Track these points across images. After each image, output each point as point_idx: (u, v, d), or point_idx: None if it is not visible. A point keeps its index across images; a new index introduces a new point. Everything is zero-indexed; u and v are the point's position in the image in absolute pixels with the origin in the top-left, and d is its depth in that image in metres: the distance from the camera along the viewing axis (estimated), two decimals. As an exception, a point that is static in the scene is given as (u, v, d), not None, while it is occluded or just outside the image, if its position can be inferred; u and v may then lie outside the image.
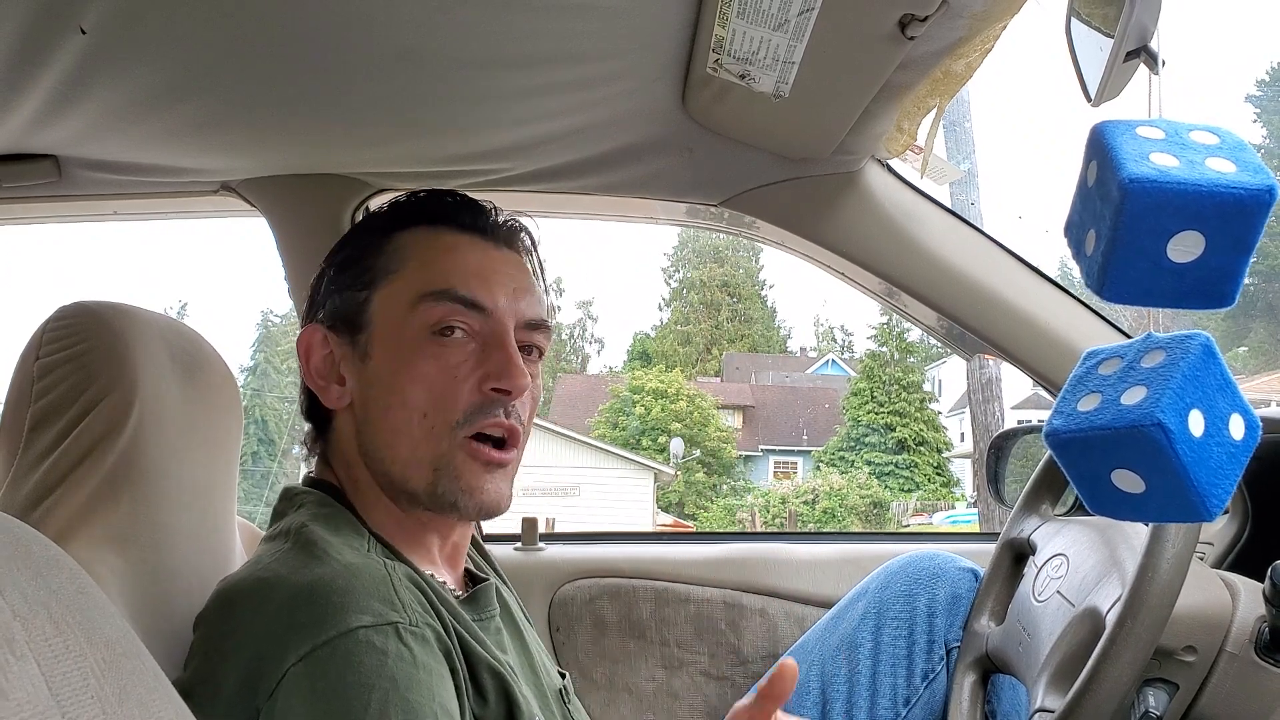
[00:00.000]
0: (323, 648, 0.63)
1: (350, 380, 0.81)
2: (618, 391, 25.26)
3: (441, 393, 0.78)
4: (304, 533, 0.73)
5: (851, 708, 1.16)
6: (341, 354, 0.82)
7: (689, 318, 34.55)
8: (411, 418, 0.78)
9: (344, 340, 0.82)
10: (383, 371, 0.79)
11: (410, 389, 0.78)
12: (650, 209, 1.38)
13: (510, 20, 0.88)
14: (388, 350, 0.79)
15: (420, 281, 0.80)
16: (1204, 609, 0.88)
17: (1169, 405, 0.49)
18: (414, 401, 0.78)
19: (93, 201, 1.32)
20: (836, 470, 22.24)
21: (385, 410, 0.79)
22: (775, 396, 28.51)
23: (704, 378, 30.47)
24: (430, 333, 0.78)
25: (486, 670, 0.72)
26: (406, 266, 0.81)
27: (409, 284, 0.80)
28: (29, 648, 0.39)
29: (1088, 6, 0.66)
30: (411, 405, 0.78)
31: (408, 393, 0.78)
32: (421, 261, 0.81)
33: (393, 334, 0.79)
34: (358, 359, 0.81)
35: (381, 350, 0.80)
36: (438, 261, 0.81)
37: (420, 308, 0.79)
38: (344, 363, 0.82)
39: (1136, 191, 0.48)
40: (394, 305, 0.80)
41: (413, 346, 0.78)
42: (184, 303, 33.80)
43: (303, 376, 0.83)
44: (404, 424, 0.78)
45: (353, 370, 0.81)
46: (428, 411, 0.78)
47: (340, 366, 0.82)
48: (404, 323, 0.79)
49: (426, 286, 0.79)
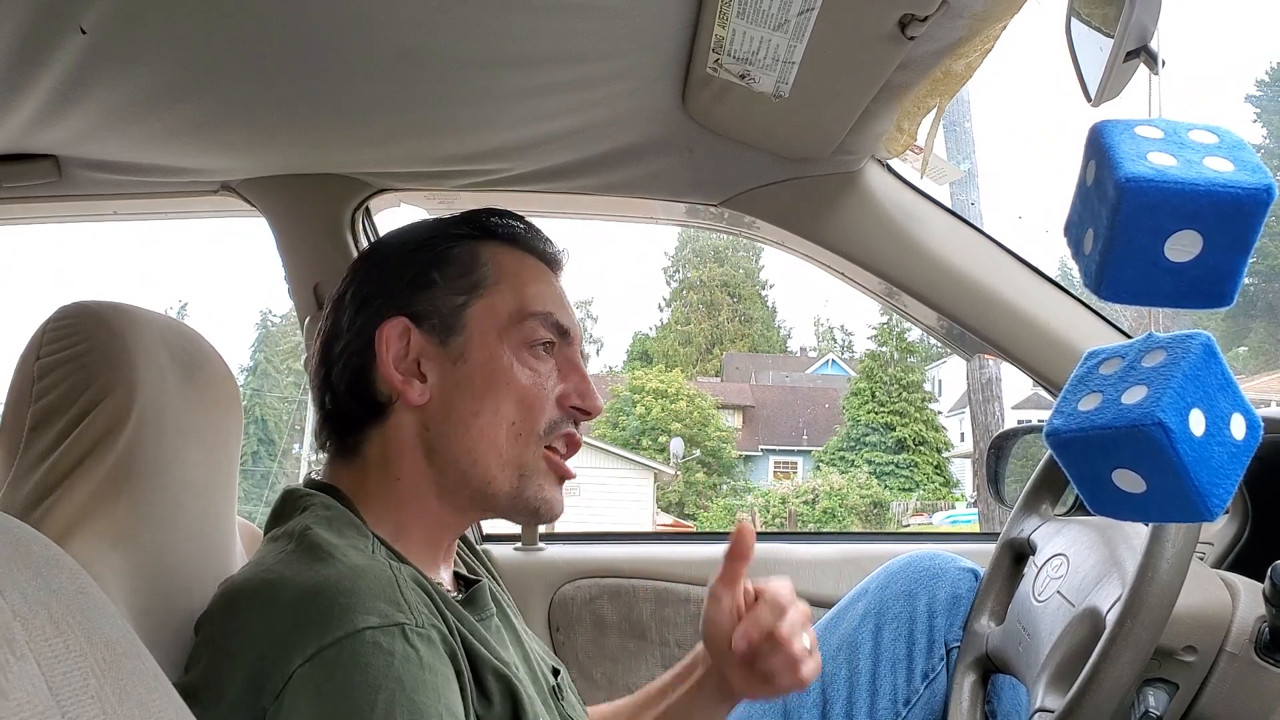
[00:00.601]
0: (329, 649, 0.63)
1: (433, 379, 0.82)
2: (618, 391, 25.26)
3: (531, 404, 0.82)
4: (308, 535, 0.73)
5: (852, 708, 1.16)
6: (427, 352, 0.82)
7: (689, 318, 34.55)
8: (500, 425, 0.81)
9: (433, 339, 0.83)
10: (478, 378, 0.82)
11: (504, 398, 0.81)
12: (650, 209, 1.38)
13: (510, 20, 0.88)
14: (485, 358, 0.82)
15: (523, 299, 0.84)
16: (1204, 609, 0.88)
17: (1170, 405, 0.49)
18: (505, 410, 0.81)
19: (93, 201, 1.33)
20: (836, 470, 22.25)
21: (474, 414, 0.81)
22: (775, 396, 28.51)
23: (704, 378, 30.47)
24: (530, 347, 0.83)
25: (490, 671, 0.72)
26: (505, 281, 0.85)
27: (512, 300, 0.84)
28: (29, 648, 0.39)
29: (1088, 6, 0.66)
30: (502, 414, 0.81)
31: (501, 401, 0.81)
32: (520, 280, 0.86)
33: (492, 344, 0.83)
34: (448, 360, 0.82)
35: (479, 357, 0.82)
36: (535, 284, 0.86)
37: (525, 325, 0.84)
38: (428, 361, 0.82)
39: (1133, 191, 0.48)
40: (495, 317, 0.83)
41: (511, 359, 0.82)
42: (184, 303, 33.83)
43: (379, 368, 0.81)
44: (492, 430, 0.81)
45: (439, 370, 0.82)
46: (516, 420, 0.82)
47: (421, 364, 0.82)
48: (504, 335, 0.83)
49: (531, 306, 0.84)
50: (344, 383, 0.83)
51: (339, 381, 0.83)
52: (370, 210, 1.38)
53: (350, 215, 1.33)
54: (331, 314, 0.87)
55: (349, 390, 0.83)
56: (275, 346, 31.32)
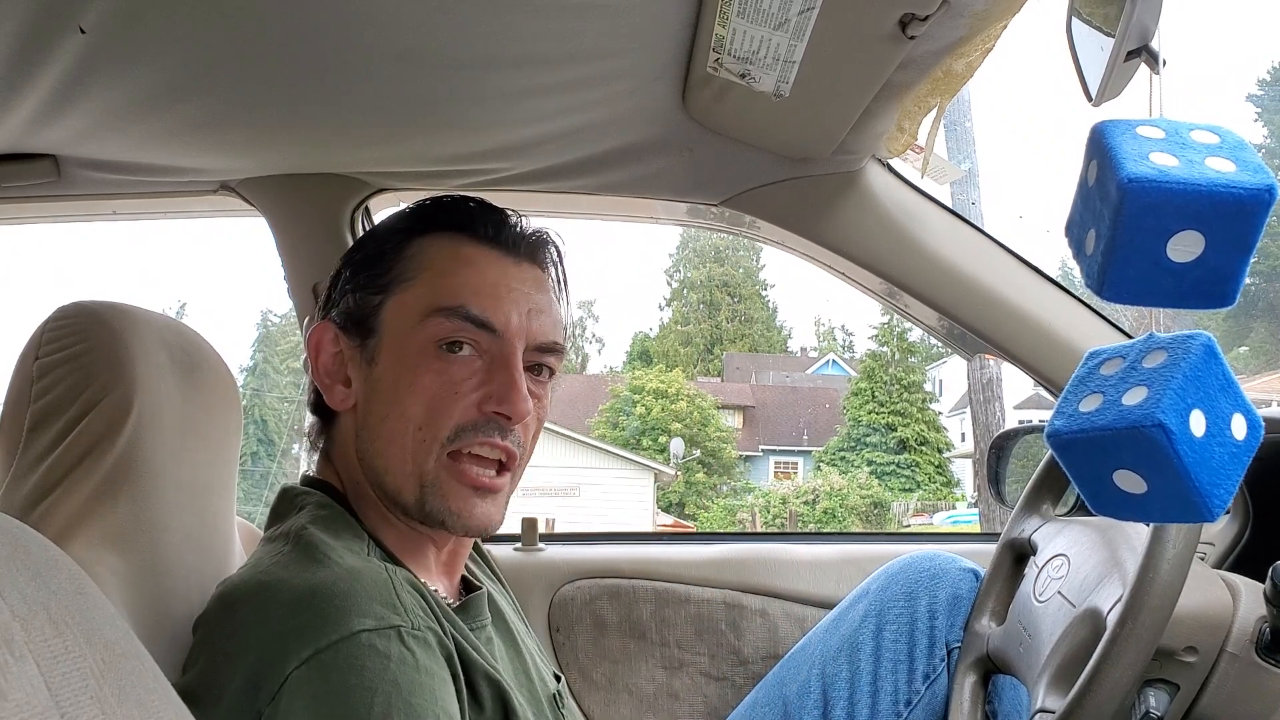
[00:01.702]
0: (326, 651, 0.63)
1: (356, 383, 0.82)
2: (618, 391, 25.27)
3: (438, 407, 0.77)
4: (304, 535, 0.73)
5: (853, 709, 1.16)
6: (350, 355, 0.82)
7: (689, 318, 34.55)
8: (407, 429, 0.78)
9: (353, 342, 0.82)
10: (386, 379, 0.79)
11: (409, 400, 0.78)
12: (650, 209, 1.38)
13: (510, 20, 0.87)
14: (393, 358, 0.79)
15: (433, 294, 0.79)
16: (1205, 609, 0.88)
17: (1170, 405, 0.48)
18: (411, 413, 0.77)
19: (92, 201, 1.32)
20: (837, 470, 22.24)
21: (384, 418, 0.79)
22: (775, 396, 28.51)
23: (704, 378, 30.48)
24: (437, 347, 0.78)
25: (483, 677, 0.72)
26: (421, 276, 0.80)
27: (422, 295, 0.79)
28: (28, 648, 0.39)
29: (1088, 6, 0.66)
30: (409, 416, 0.78)
31: (406, 403, 0.78)
32: (437, 272, 0.80)
33: (400, 343, 0.79)
34: (365, 362, 0.81)
35: (388, 357, 0.80)
36: (453, 274, 0.80)
37: (430, 321, 0.78)
38: (351, 364, 0.82)
39: (1136, 191, 0.48)
40: (405, 314, 0.80)
41: (418, 358, 0.78)
42: (183, 303, 33.82)
43: (310, 373, 0.83)
44: (399, 434, 0.78)
45: (359, 373, 0.82)
46: (422, 425, 0.77)
47: (347, 368, 0.82)
48: (412, 333, 0.79)
49: (438, 301, 0.79)
50: (311, 385, 0.85)
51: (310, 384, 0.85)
52: (370, 210, 1.38)
53: (350, 215, 1.32)
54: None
55: (311, 395, 0.85)
56: (275, 346, 31.32)
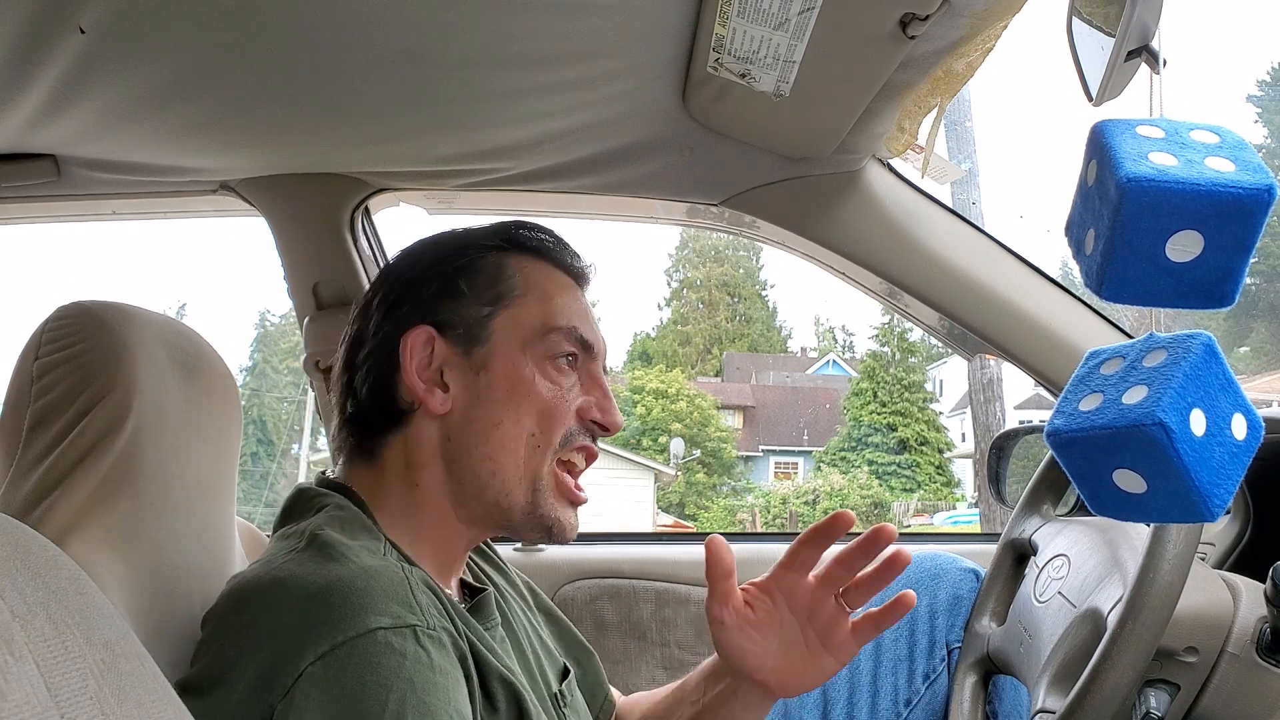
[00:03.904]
0: (341, 648, 0.63)
1: (455, 388, 0.82)
2: (618, 391, 25.25)
3: (550, 417, 0.82)
4: (320, 535, 0.73)
5: (853, 708, 1.16)
6: (449, 361, 0.82)
7: (689, 317, 34.56)
8: (520, 436, 0.81)
9: (457, 349, 0.83)
10: (499, 388, 0.82)
11: (525, 409, 0.81)
12: (651, 209, 1.38)
13: (510, 20, 0.87)
14: (508, 369, 0.82)
15: (548, 313, 0.84)
16: (1205, 610, 0.88)
17: (1170, 405, 0.48)
18: (526, 421, 0.81)
19: (92, 201, 1.32)
20: (837, 470, 22.25)
21: (494, 425, 0.81)
22: (776, 396, 28.51)
23: (704, 378, 30.47)
24: (550, 361, 0.83)
25: (497, 678, 0.73)
26: (532, 294, 0.85)
27: (536, 313, 0.84)
28: (28, 648, 0.39)
29: (1088, 6, 0.66)
30: (523, 425, 0.81)
31: (521, 412, 0.81)
32: (546, 294, 0.86)
33: (515, 355, 0.83)
34: (470, 370, 0.82)
35: (502, 368, 0.82)
36: (560, 297, 0.86)
37: (549, 338, 0.84)
38: (451, 370, 0.82)
39: (1135, 191, 0.48)
40: (519, 329, 0.83)
41: (534, 371, 0.82)
42: (183, 303, 33.83)
43: (403, 376, 0.81)
44: (513, 440, 0.81)
45: (461, 379, 0.82)
46: (535, 432, 0.82)
47: (444, 373, 0.82)
48: (528, 347, 0.83)
49: (556, 320, 0.84)
50: (366, 388, 0.83)
51: (361, 387, 0.83)
52: (369, 210, 1.38)
53: (349, 215, 1.32)
54: (358, 320, 0.87)
55: (371, 396, 0.83)
56: (274, 346, 31.32)
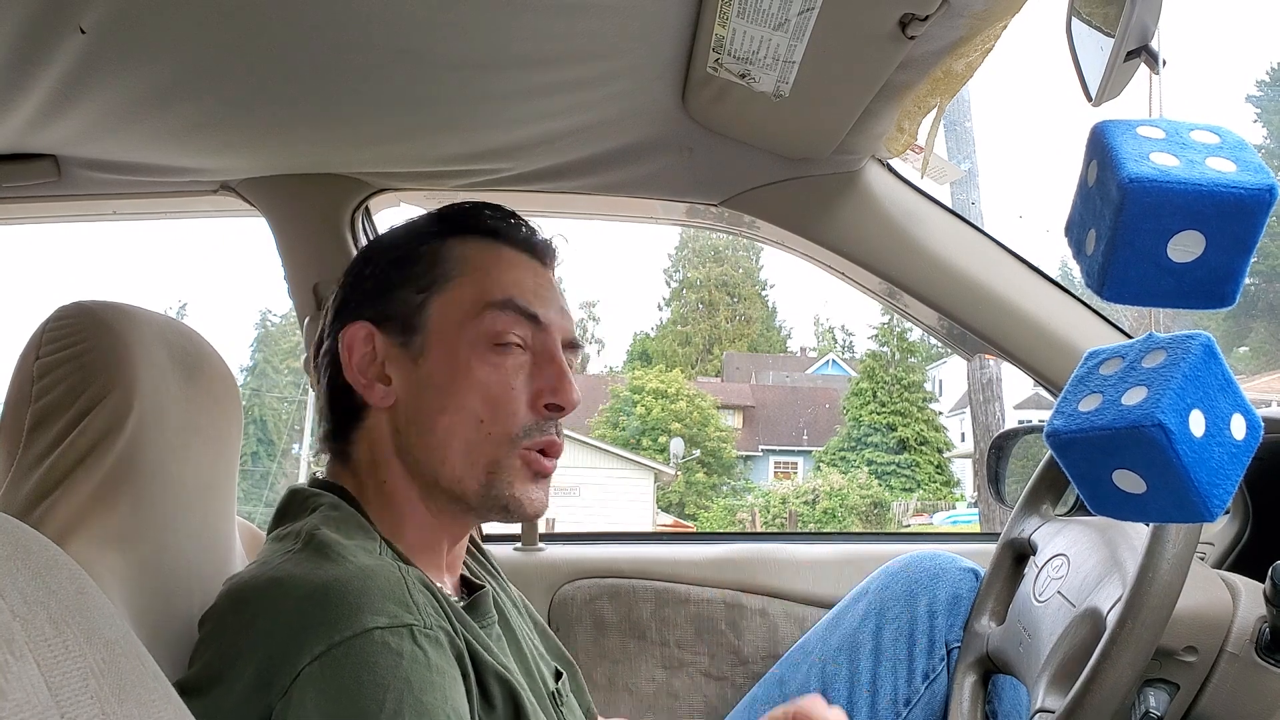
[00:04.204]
0: (338, 647, 0.63)
1: (397, 380, 0.82)
2: (618, 391, 25.27)
3: (498, 402, 0.80)
4: (316, 535, 0.73)
5: (852, 708, 1.16)
6: (389, 353, 0.82)
7: (688, 318, 34.56)
8: (467, 422, 0.79)
9: (394, 340, 0.82)
10: (438, 375, 0.80)
11: (468, 395, 0.79)
12: (650, 209, 1.38)
13: (510, 20, 0.88)
14: (445, 355, 0.81)
15: (483, 290, 0.82)
16: (1205, 609, 0.88)
17: (1170, 405, 0.48)
18: (470, 407, 0.79)
19: (92, 201, 1.32)
20: (837, 470, 22.25)
21: (438, 413, 0.80)
22: (775, 396, 28.52)
23: (704, 378, 30.48)
24: (490, 342, 0.80)
25: (494, 677, 0.73)
26: (468, 274, 0.83)
27: (471, 292, 0.82)
28: (29, 648, 0.39)
29: (1088, 6, 0.66)
30: (468, 410, 0.79)
31: (465, 398, 0.79)
32: (482, 271, 0.83)
33: (451, 339, 0.81)
34: (409, 360, 0.82)
35: (438, 354, 0.81)
36: (500, 272, 0.83)
37: (484, 316, 0.81)
38: (391, 362, 0.82)
39: (1136, 191, 0.48)
40: (454, 311, 0.81)
41: (470, 352, 0.80)
42: (184, 303, 33.84)
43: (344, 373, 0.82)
44: (459, 428, 0.79)
45: (401, 371, 0.82)
46: (484, 419, 0.79)
47: (385, 366, 0.82)
48: (464, 329, 0.81)
49: (490, 295, 0.81)
50: (325, 387, 0.85)
51: (320, 387, 0.85)
52: (370, 210, 1.38)
53: (350, 215, 1.32)
54: (321, 323, 0.88)
55: (327, 396, 0.85)
56: (275, 346, 31.33)
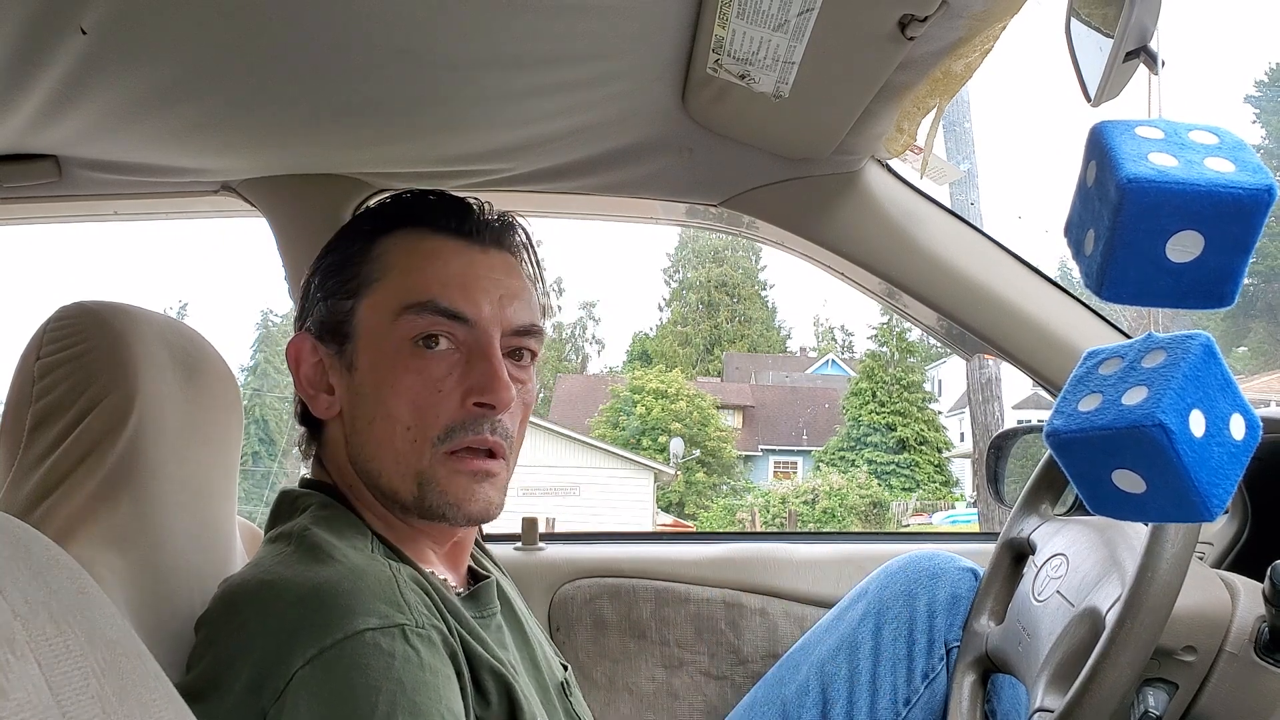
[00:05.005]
0: (330, 650, 0.63)
1: (339, 390, 0.82)
2: (618, 391, 25.26)
3: (423, 406, 0.77)
4: (308, 535, 0.73)
5: (852, 708, 1.16)
6: (330, 363, 0.82)
7: (689, 318, 34.56)
8: (394, 429, 0.77)
9: (331, 350, 0.82)
10: (367, 383, 0.79)
11: (393, 401, 0.77)
12: (650, 209, 1.38)
13: (510, 20, 0.88)
14: (372, 361, 0.79)
15: (402, 291, 0.79)
16: (1204, 609, 0.88)
17: (1170, 405, 0.49)
18: (397, 414, 0.77)
19: (93, 201, 1.32)
20: (836, 470, 22.24)
21: (370, 422, 0.79)
22: (775, 396, 28.51)
23: (704, 378, 30.47)
24: (413, 344, 0.78)
25: (488, 671, 0.72)
26: (389, 275, 0.80)
27: (391, 294, 0.79)
28: (29, 648, 0.39)
29: (1087, 7, 0.66)
30: (395, 418, 0.77)
31: (390, 405, 0.77)
32: (402, 270, 0.80)
33: (376, 345, 0.79)
34: (344, 369, 0.81)
35: (366, 361, 0.79)
36: (419, 270, 0.79)
37: (402, 319, 0.78)
38: (332, 372, 0.82)
39: (1135, 191, 0.48)
40: (377, 316, 0.79)
41: (395, 358, 0.78)
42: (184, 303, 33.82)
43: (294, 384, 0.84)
44: (387, 436, 0.78)
45: (340, 380, 0.82)
46: (410, 425, 0.77)
47: (329, 376, 0.82)
48: (386, 334, 0.78)
49: (408, 297, 0.78)
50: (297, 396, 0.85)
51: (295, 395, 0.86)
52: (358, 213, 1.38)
53: (350, 215, 1.32)
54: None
55: (298, 405, 0.85)
56: (275, 346, 31.30)
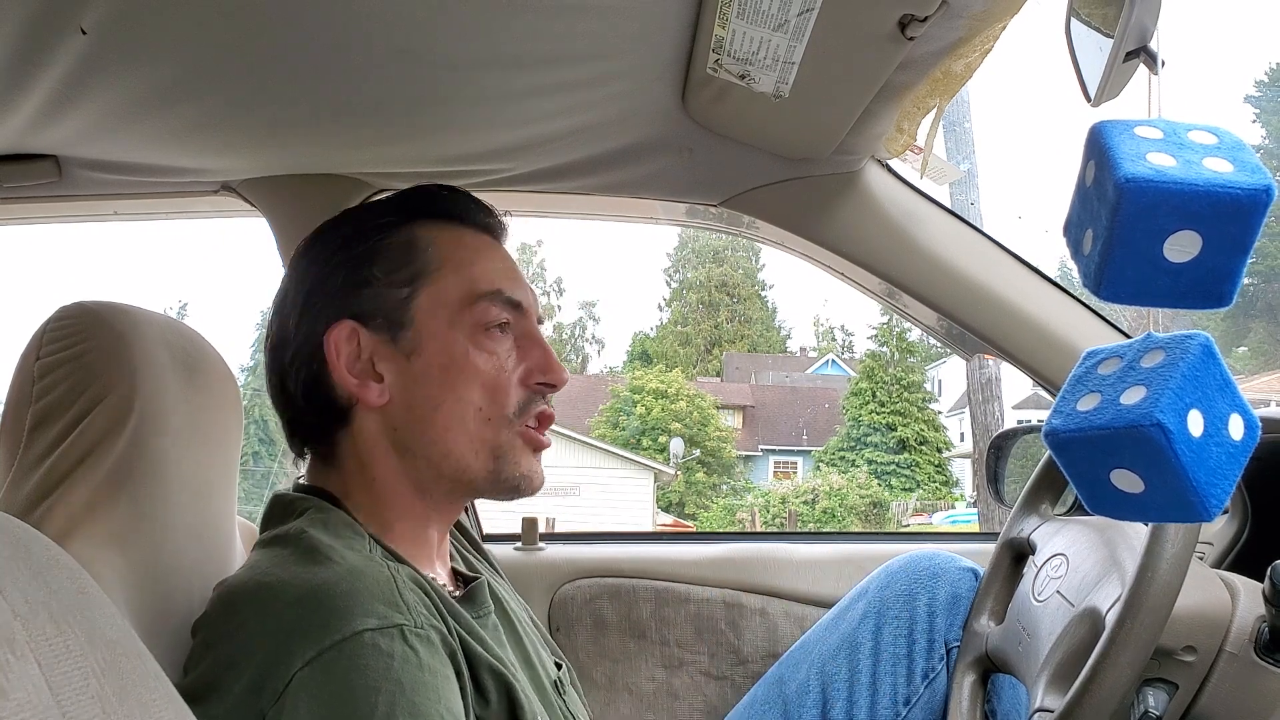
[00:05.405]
0: (329, 651, 0.63)
1: (390, 377, 0.81)
2: (618, 391, 25.26)
3: (495, 387, 0.81)
4: (305, 537, 0.73)
5: (852, 707, 1.16)
6: (379, 351, 0.81)
7: (689, 318, 34.56)
8: (467, 411, 0.80)
9: (382, 337, 0.81)
10: (433, 369, 0.81)
11: (466, 385, 0.81)
12: (650, 209, 1.38)
13: (510, 20, 0.88)
14: (438, 348, 0.81)
15: (471, 281, 0.83)
16: (1203, 609, 0.88)
17: (1168, 405, 0.49)
18: (469, 396, 0.81)
19: (93, 201, 1.32)
20: (836, 470, 22.24)
21: (437, 406, 0.80)
22: (775, 396, 28.51)
23: (704, 378, 30.47)
24: (484, 330, 0.82)
25: (488, 670, 0.72)
26: (447, 265, 0.83)
27: (455, 284, 0.83)
28: (29, 648, 0.39)
29: (1087, 6, 0.66)
30: (467, 400, 0.80)
31: (462, 389, 0.80)
32: (460, 261, 0.84)
33: (444, 333, 0.81)
34: (402, 356, 0.81)
35: (432, 348, 0.81)
36: (480, 262, 0.85)
37: (475, 307, 0.82)
38: (382, 360, 0.81)
39: (1133, 191, 0.48)
40: (444, 304, 0.82)
41: (466, 345, 0.81)
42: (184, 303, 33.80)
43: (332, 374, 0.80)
44: (459, 418, 0.80)
45: (394, 367, 0.81)
46: (483, 405, 0.81)
47: (376, 364, 0.81)
48: (456, 321, 0.82)
49: (480, 286, 0.83)
50: (301, 391, 0.82)
51: (295, 390, 0.82)
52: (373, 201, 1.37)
53: (350, 215, 1.32)
54: (275, 318, 0.85)
55: (307, 398, 0.82)
56: (275, 346, 31.24)
